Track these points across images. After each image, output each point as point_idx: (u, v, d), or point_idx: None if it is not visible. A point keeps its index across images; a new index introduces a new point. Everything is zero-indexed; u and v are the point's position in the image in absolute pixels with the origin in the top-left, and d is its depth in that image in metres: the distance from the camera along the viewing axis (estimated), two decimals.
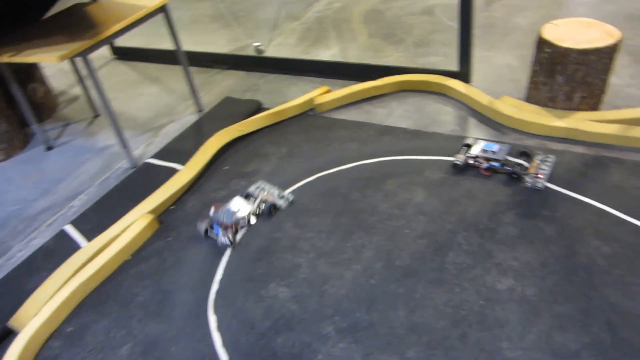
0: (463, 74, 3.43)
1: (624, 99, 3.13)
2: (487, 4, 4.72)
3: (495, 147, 2.75)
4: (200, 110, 3.64)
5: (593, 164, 2.64)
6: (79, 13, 3.33)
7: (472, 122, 3.11)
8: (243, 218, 2.59)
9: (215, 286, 2.29)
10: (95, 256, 2.47)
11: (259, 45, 4.26)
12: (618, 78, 3.32)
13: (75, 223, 2.79)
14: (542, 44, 2.94)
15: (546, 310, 1.97)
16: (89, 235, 2.68)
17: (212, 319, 2.15)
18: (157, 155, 3.22)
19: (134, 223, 2.59)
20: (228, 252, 2.44)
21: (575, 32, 2.93)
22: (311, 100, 3.43)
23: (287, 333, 2.03)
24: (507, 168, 2.64)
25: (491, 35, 4.14)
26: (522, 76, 3.49)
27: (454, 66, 3.48)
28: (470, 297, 2.05)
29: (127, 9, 3.19)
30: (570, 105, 2.98)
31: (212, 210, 2.65)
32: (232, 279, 2.30)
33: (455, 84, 3.35)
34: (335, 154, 2.98)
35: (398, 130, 3.11)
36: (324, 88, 3.54)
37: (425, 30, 4.38)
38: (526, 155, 2.73)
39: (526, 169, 2.64)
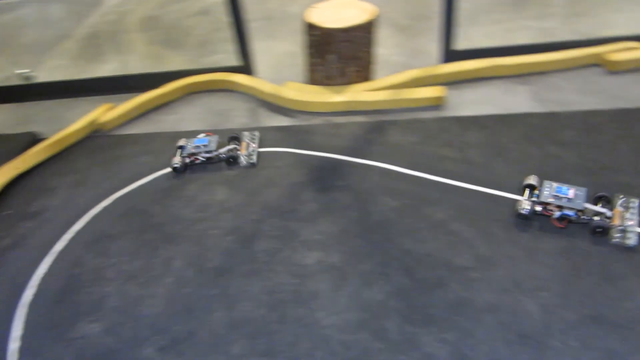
0: (246, 67, 3.48)
1: (392, 66, 3.43)
2: None
3: (571, 191, 2.22)
4: None
5: (373, 130, 2.86)
6: None
7: (262, 112, 3.18)
8: (201, 153, 2.76)
9: (14, 344, 2.04)
10: None
11: (26, 72, 3.87)
12: (384, 48, 3.63)
13: None
14: (310, 27, 3.09)
15: (352, 273, 2.09)
16: None
17: None
18: None
19: None
20: (25, 304, 2.19)
21: (337, 13, 3.13)
22: (94, 120, 3.21)
23: None
24: (585, 218, 2.17)
25: (270, 26, 4.26)
26: (302, 61, 3.64)
27: (237, 61, 3.51)
28: (283, 279, 2.10)
29: None
30: (345, 80, 3.19)
31: (201, 135, 2.89)
32: (34, 330, 2.08)
33: (240, 78, 3.39)
34: (129, 171, 2.84)
35: (191, 134, 3.05)
36: (107, 105, 3.34)
37: (205, 30, 4.36)
38: (604, 199, 2.25)
39: (609, 218, 2.16)
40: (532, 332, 1.82)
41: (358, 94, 3.06)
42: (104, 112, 3.28)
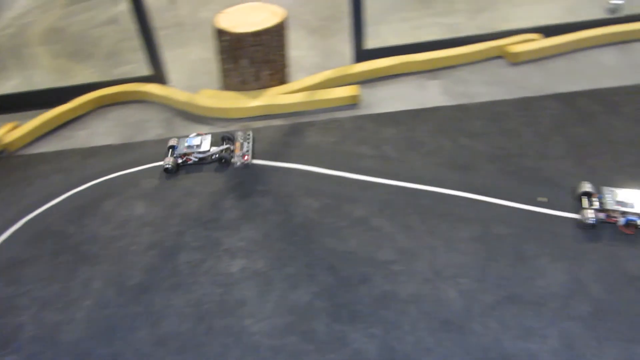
0: (159, 76, 3.40)
1: (306, 68, 3.45)
2: (170, 2, 4.75)
3: (637, 197, 2.18)
4: None
5: (291, 132, 2.87)
6: None
7: (178, 121, 3.12)
8: (195, 153, 2.70)
9: None
10: None
11: None
12: (298, 51, 3.65)
13: None
14: (220, 33, 3.06)
15: (277, 277, 2.09)
16: None
17: None
18: None
19: None
20: None
21: (246, 17, 3.12)
22: None
23: None
24: None
25: (181, 33, 4.18)
26: (216, 67, 3.60)
27: (148, 70, 3.41)
28: (209, 290, 2.07)
29: None
30: (260, 84, 3.18)
31: (192, 135, 2.82)
32: None
33: (153, 88, 3.30)
34: (39, 192, 2.69)
35: (104, 148, 2.95)
36: (10, 124, 3.16)
37: (114, 39, 4.21)
38: None
39: None
40: (454, 318, 1.89)
41: (274, 97, 3.06)
42: (8, 131, 3.10)
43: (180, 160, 2.70)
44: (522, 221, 2.23)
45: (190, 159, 2.71)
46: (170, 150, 2.74)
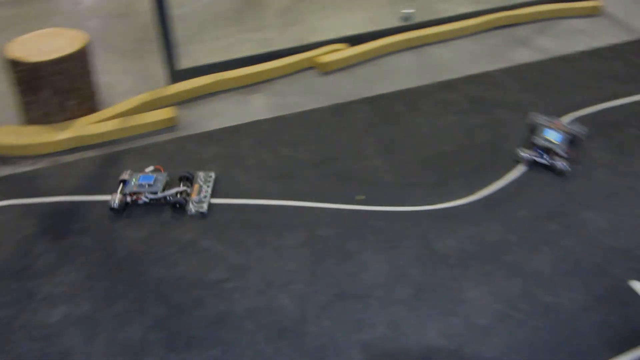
0: None
1: (120, 94, 3.30)
2: None
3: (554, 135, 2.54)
4: None
5: (107, 163, 2.72)
6: None
7: None
8: (145, 193, 2.41)
9: None
10: None
11: None
12: (109, 76, 3.47)
13: None
14: (13, 63, 2.80)
15: (105, 317, 1.96)
16: None
17: None
18: None
19: None
20: None
21: (42, 44, 2.90)
22: None
23: None
24: None
25: None
26: (14, 101, 3.29)
27: None
28: (26, 347, 1.87)
29: None
30: (68, 115, 2.96)
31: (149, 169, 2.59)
32: None
33: None
34: None
35: None
36: None
37: None
38: None
39: None
40: (290, 324, 1.93)
41: (84, 127, 2.88)
42: None
43: (129, 199, 2.40)
44: (344, 220, 2.36)
45: (141, 199, 2.41)
46: (121, 185, 2.43)
